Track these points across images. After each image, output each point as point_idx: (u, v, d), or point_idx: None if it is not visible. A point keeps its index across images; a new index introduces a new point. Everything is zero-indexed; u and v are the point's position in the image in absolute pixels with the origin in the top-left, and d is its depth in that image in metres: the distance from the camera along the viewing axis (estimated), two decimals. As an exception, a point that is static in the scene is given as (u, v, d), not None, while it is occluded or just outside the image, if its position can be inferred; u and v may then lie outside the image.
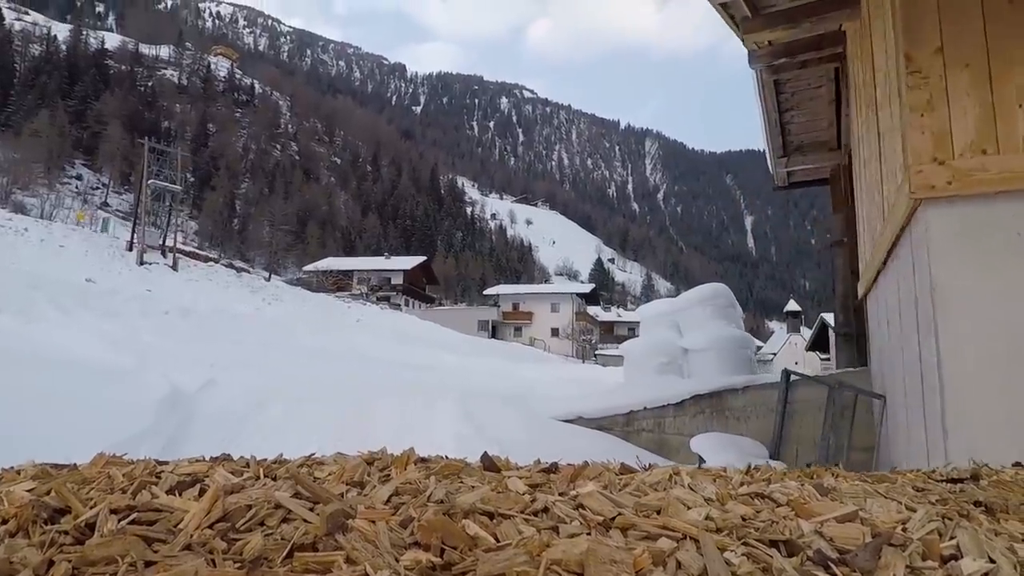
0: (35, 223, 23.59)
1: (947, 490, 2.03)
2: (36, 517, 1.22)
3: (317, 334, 15.21)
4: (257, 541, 1.15)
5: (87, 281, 19.96)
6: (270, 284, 31.29)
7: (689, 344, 7.39)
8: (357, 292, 45.30)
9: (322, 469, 1.94)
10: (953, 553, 1.30)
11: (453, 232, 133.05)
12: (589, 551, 1.09)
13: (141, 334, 9.62)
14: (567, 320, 45.61)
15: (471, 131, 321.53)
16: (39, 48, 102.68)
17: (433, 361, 14.60)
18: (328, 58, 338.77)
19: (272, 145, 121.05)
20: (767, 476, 2.19)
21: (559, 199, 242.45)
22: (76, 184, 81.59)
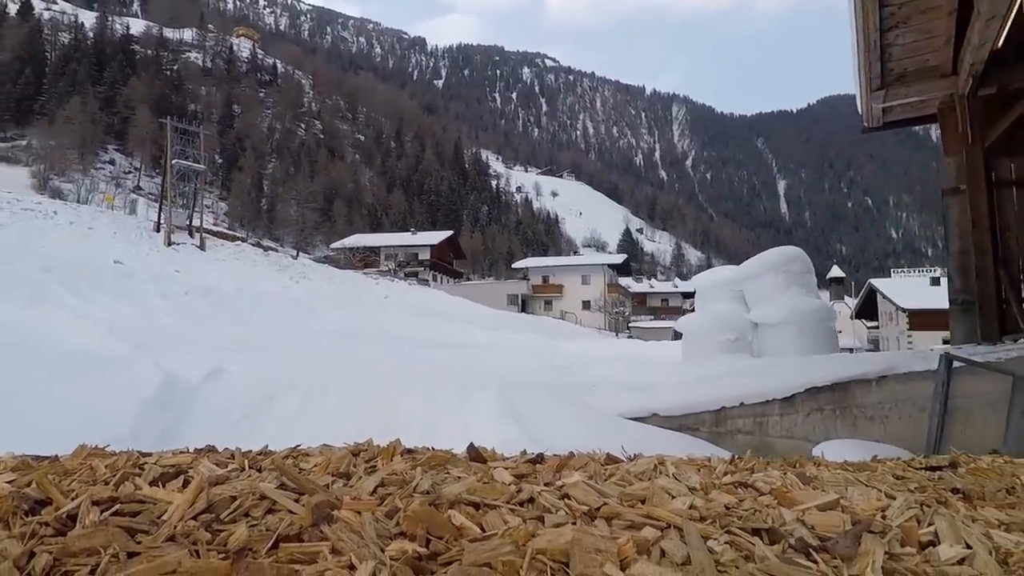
0: (64, 206, 23.51)
1: (926, 478, 2.09)
2: (17, 508, 1.24)
3: (343, 313, 14.61)
4: (242, 532, 1.17)
5: (115, 263, 19.76)
6: (297, 262, 30.98)
7: (760, 318, 6.27)
8: (385, 268, 44.92)
9: (308, 460, 1.95)
10: (931, 539, 1.38)
11: (478, 206, 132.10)
12: (574, 541, 1.13)
13: (158, 316, 9.11)
14: (599, 292, 44.31)
15: (493, 103, 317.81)
16: (68, 36, 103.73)
17: (464, 338, 13.90)
18: (348, 35, 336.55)
19: (296, 124, 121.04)
20: (750, 465, 2.20)
21: (585, 169, 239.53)
22: (109, 169, 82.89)
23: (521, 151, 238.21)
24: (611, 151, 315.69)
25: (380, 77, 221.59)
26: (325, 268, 32.60)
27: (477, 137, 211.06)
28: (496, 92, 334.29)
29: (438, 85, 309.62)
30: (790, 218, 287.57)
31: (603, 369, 7.75)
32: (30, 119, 79.53)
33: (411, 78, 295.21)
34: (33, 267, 9.58)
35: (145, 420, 3.96)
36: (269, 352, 7.44)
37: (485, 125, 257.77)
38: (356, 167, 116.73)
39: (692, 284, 8.13)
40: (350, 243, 51.33)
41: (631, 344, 15.63)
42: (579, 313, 42.28)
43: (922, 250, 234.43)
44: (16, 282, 8.55)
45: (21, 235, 19.61)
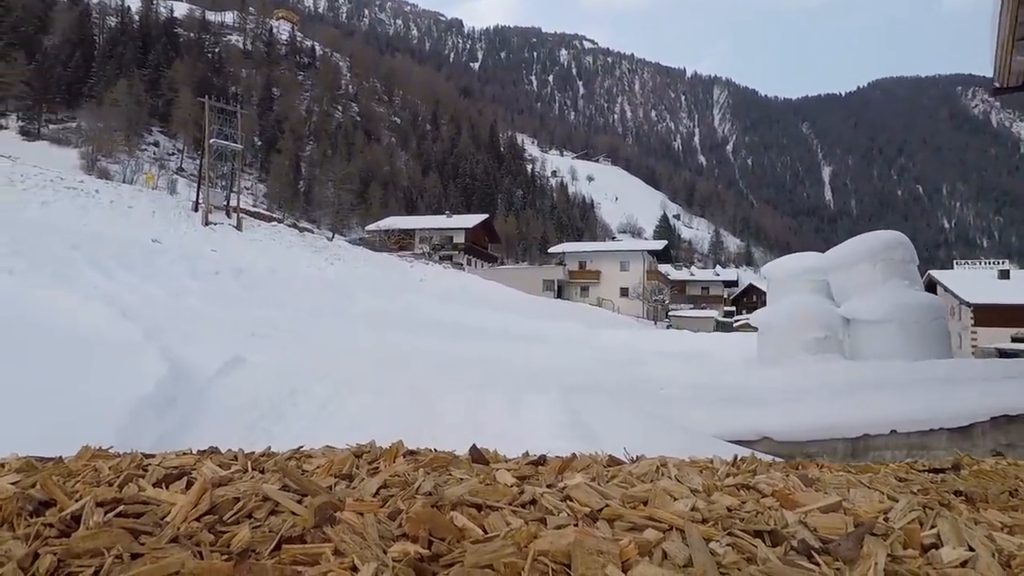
0: (105, 185, 23.72)
1: (929, 480, 2.12)
2: (21, 510, 1.25)
3: (377, 296, 14.14)
4: (245, 533, 1.17)
5: (153, 241, 19.81)
6: (332, 244, 30.84)
7: (855, 313, 5.28)
8: (419, 251, 44.63)
9: (310, 462, 1.99)
10: (933, 542, 1.37)
11: (513, 190, 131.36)
12: (576, 542, 1.13)
13: (186, 297, 8.72)
14: (637, 279, 42.97)
15: (530, 86, 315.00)
16: (115, 20, 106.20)
17: (502, 325, 13.26)
18: (385, 17, 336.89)
19: (334, 106, 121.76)
20: (753, 467, 2.23)
21: (622, 154, 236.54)
22: (153, 150, 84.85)
23: (557, 135, 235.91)
24: (649, 135, 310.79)
25: (417, 59, 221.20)
26: (360, 250, 32.41)
27: (513, 120, 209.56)
28: (533, 75, 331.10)
29: (474, 67, 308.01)
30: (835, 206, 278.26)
31: (663, 366, 6.97)
32: (80, 101, 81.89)
33: (447, 60, 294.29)
34: (63, 244, 9.31)
35: (140, 421, 3.39)
36: (297, 338, 6.92)
37: (521, 108, 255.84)
38: (392, 150, 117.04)
39: (765, 272, 7.24)
40: (385, 225, 51.17)
41: (680, 336, 14.73)
42: (616, 300, 41.16)
43: (977, 241, 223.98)
44: (43, 259, 8.26)
45: (63, 212, 19.74)
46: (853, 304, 5.36)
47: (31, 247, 8.55)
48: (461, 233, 48.54)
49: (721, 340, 14.26)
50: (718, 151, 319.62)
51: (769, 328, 5.98)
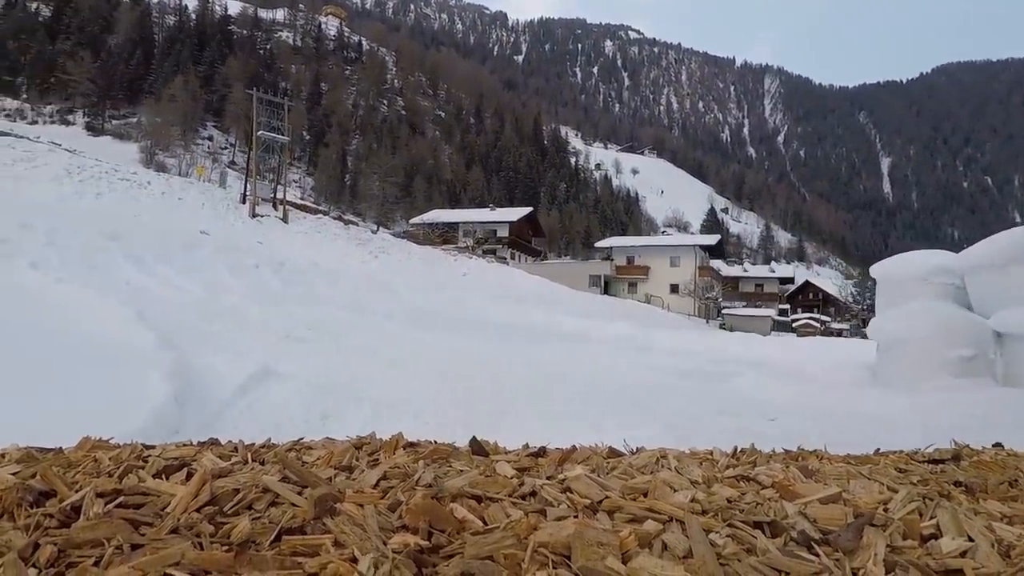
0: (157, 177, 24.06)
1: (928, 471, 2.11)
2: (21, 500, 1.26)
3: (421, 291, 13.55)
4: (245, 525, 1.17)
5: (201, 233, 19.88)
6: (376, 237, 30.64)
7: (1012, 326, 4.18)
8: (463, 245, 44.16)
9: (310, 453, 1.98)
10: (933, 532, 1.37)
11: (556, 183, 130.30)
12: (576, 534, 1.14)
13: (221, 292, 8.27)
14: (689, 276, 41.16)
15: (574, 78, 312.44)
16: (173, 19, 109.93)
17: (551, 324, 12.48)
18: (431, 11, 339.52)
19: (380, 101, 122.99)
20: (752, 459, 2.21)
21: (667, 146, 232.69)
22: (208, 144, 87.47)
23: (601, 127, 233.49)
24: (696, 127, 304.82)
25: (461, 53, 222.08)
26: (404, 243, 32.14)
27: (556, 113, 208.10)
28: (577, 67, 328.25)
29: (518, 60, 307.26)
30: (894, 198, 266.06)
31: (756, 382, 6.03)
32: (140, 98, 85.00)
33: (491, 54, 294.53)
34: (100, 235, 9.00)
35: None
36: (335, 342, 6.32)
37: (565, 100, 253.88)
38: (436, 143, 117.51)
39: (875, 273, 6.20)
40: (429, 219, 50.94)
41: (746, 341, 13.53)
42: (666, 297, 39.57)
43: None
44: (78, 251, 7.94)
45: (116, 203, 19.97)
46: (1009, 315, 4.24)
47: (67, 239, 8.27)
48: (505, 227, 47.78)
49: (791, 346, 13.02)
50: (768, 142, 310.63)
51: (899, 342, 4.85)
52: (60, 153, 21.56)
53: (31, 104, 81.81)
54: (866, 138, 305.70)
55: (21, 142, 21.52)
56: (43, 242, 7.90)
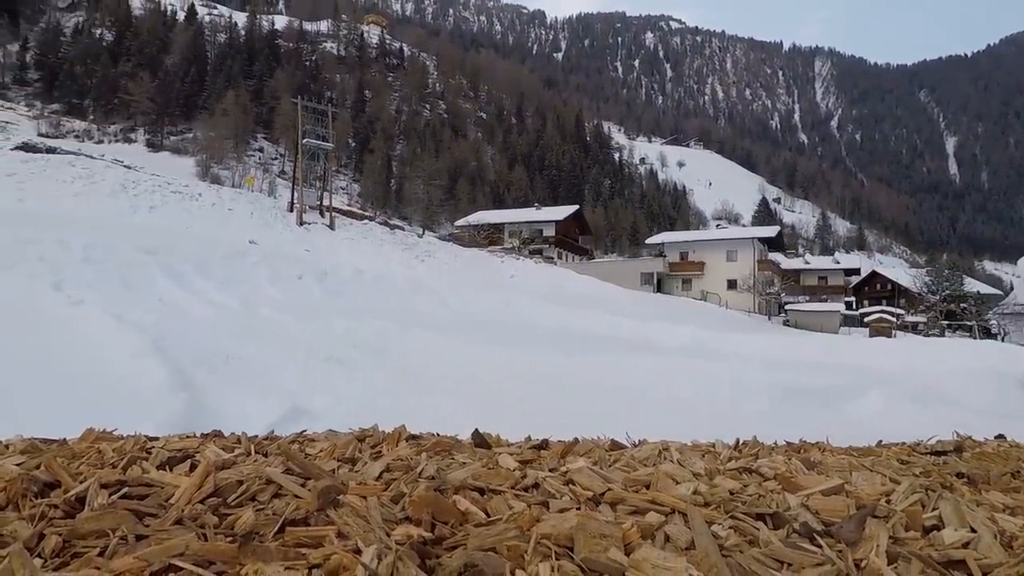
0: (208, 188, 24.42)
1: (931, 463, 2.12)
2: (26, 491, 1.27)
3: (469, 296, 12.94)
4: (248, 516, 1.19)
5: (250, 243, 19.95)
6: (423, 240, 30.37)
7: None
8: (509, 245, 43.50)
9: (313, 445, 2.01)
10: (935, 524, 1.38)
11: (600, 180, 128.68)
12: (578, 525, 1.14)
13: (260, 307, 7.83)
14: (747, 270, 38.93)
15: (615, 72, 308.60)
16: (224, 36, 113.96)
17: (610, 329, 11.62)
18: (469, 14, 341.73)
19: (422, 105, 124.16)
20: (755, 451, 2.23)
21: (714, 137, 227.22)
22: (259, 156, 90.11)
23: (644, 121, 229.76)
24: (743, 115, 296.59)
25: (501, 54, 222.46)
26: (450, 246, 31.78)
27: (598, 109, 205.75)
28: (618, 61, 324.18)
29: (558, 58, 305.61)
30: (961, 180, 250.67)
31: (886, 406, 5.06)
32: (194, 113, 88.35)
33: (531, 53, 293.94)
34: (138, 249, 8.72)
35: None
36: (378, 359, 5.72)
37: (606, 96, 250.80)
38: (478, 145, 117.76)
39: None
40: (474, 220, 50.43)
41: (837, 342, 12.18)
42: (723, 293, 37.62)
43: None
44: (114, 267, 7.66)
45: (169, 216, 20.25)
46: None
47: (104, 254, 8.01)
48: (551, 226, 46.77)
49: (889, 349, 11.68)
50: (821, 128, 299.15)
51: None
52: (117, 169, 22.09)
53: (97, 125, 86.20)
54: (928, 117, 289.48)
55: (80, 159, 22.17)
56: (79, 259, 7.67)
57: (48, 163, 20.36)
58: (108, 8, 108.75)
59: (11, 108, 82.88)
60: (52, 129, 76.73)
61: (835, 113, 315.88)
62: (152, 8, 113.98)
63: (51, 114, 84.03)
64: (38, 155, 21.68)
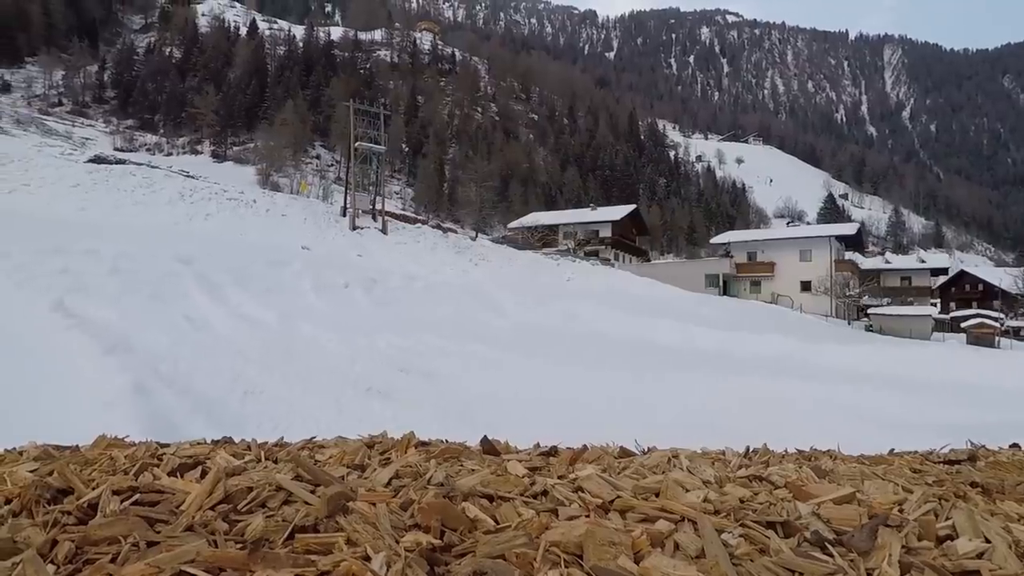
0: (262, 195, 24.43)
1: (944, 471, 2.06)
2: (39, 497, 1.28)
3: (526, 302, 11.87)
4: (258, 523, 1.18)
5: (303, 248, 19.65)
6: (476, 244, 29.58)
7: None
8: (563, 247, 42.22)
9: (323, 452, 2.02)
10: (949, 533, 1.35)
11: (655, 179, 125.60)
12: (588, 533, 1.13)
13: (300, 322, 7.00)
14: (824, 270, 35.95)
15: (668, 69, 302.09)
16: (284, 48, 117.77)
17: (684, 340, 10.30)
18: (520, 17, 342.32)
19: (474, 108, 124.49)
20: (765, 459, 2.21)
21: (774, 132, 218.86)
22: (316, 162, 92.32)
23: (700, 117, 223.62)
24: (805, 109, 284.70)
25: (552, 55, 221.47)
26: (504, 249, 30.88)
27: (652, 107, 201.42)
28: (672, 58, 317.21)
29: (609, 57, 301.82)
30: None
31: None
32: (255, 124, 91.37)
33: (582, 53, 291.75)
34: (173, 258, 8.02)
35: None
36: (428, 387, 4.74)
37: (660, 94, 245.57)
38: (530, 146, 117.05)
39: None
40: (528, 222, 49.30)
41: (951, 355, 10.37)
42: (796, 296, 34.92)
43: None
44: (146, 277, 6.99)
45: (224, 223, 20.17)
46: None
47: (135, 265, 7.35)
48: (607, 226, 45.10)
49: (1008, 363, 9.80)
50: (891, 119, 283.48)
51: None
52: (176, 178, 22.30)
53: (167, 138, 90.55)
54: (1013, 104, 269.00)
55: (141, 169, 22.52)
56: (106, 270, 7.07)
57: (111, 174, 20.68)
58: (177, 27, 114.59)
59: (90, 125, 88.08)
60: (126, 143, 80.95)
61: (907, 103, 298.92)
62: (217, 26, 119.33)
63: (126, 129, 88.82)
64: (103, 166, 22.11)
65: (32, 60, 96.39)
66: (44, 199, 18.04)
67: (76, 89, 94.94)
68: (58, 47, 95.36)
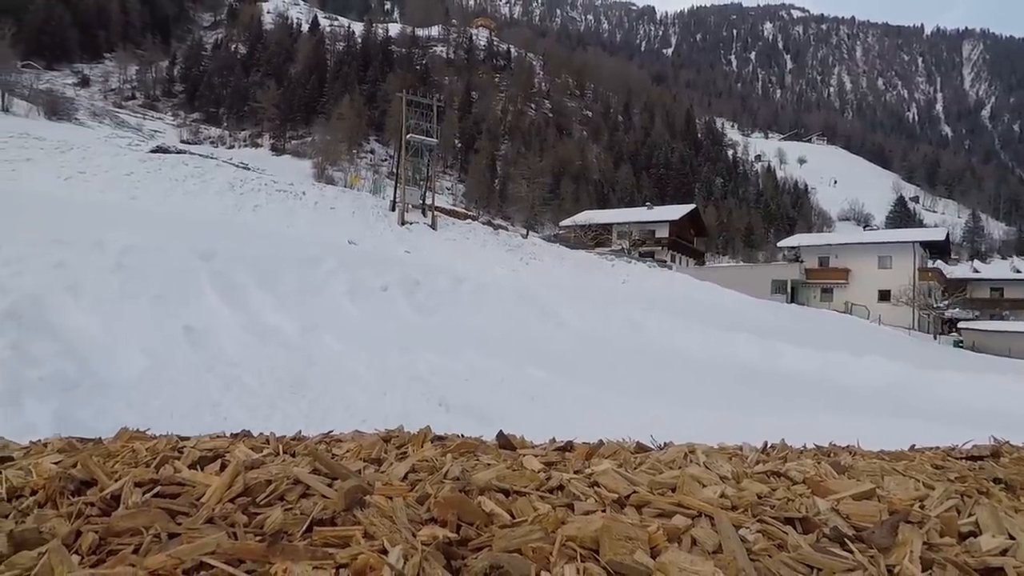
0: (312, 187, 24.05)
1: (966, 468, 1.99)
2: (63, 489, 1.29)
3: (583, 309, 10.61)
4: (277, 516, 1.17)
5: (349, 243, 19.04)
6: (527, 242, 28.44)
7: None
8: (618, 247, 40.50)
9: (340, 446, 1.99)
10: (972, 530, 1.31)
11: (712, 178, 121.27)
12: (604, 528, 1.11)
13: (325, 335, 5.97)
14: (905, 279, 32.68)
15: (728, 66, 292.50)
16: (343, 44, 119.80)
17: (772, 361, 8.84)
18: (576, 14, 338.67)
19: (527, 105, 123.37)
20: (783, 454, 2.16)
21: (839, 131, 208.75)
22: (370, 157, 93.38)
23: (760, 116, 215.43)
24: (874, 107, 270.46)
25: (608, 51, 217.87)
26: (556, 248, 29.62)
27: (710, 104, 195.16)
28: (732, 54, 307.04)
29: (667, 54, 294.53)
30: None
31: None
32: (313, 118, 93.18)
33: (639, 50, 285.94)
34: (190, 254, 6.95)
35: None
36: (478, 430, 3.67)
37: (719, 91, 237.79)
38: (583, 143, 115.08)
39: None
40: (581, 220, 47.63)
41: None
42: (873, 306, 31.99)
43: None
44: (152, 278, 6.03)
45: (272, 215, 19.77)
46: None
47: (143, 260, 6.38)
48: (665, 226, 42.98)
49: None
50: (969, 119, 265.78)
51: None
52: (227, 168, 22.11)
53: (229, 131, 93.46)
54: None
55: (193, 159, 22.45)
56: (110, 265, 6.19)
57: (164, 163, 20.61)
58: (243, 24, 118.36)
59: (159, 118, 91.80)
60: (191, 136, 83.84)
61: (987, 102, 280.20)
62: (280, 22, 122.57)
63: (192, 122, 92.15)
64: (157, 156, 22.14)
65: (110, 56, 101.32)
66: (97, 186, 17.98)
67: (148, 83, 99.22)
68: (133, 43, 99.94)
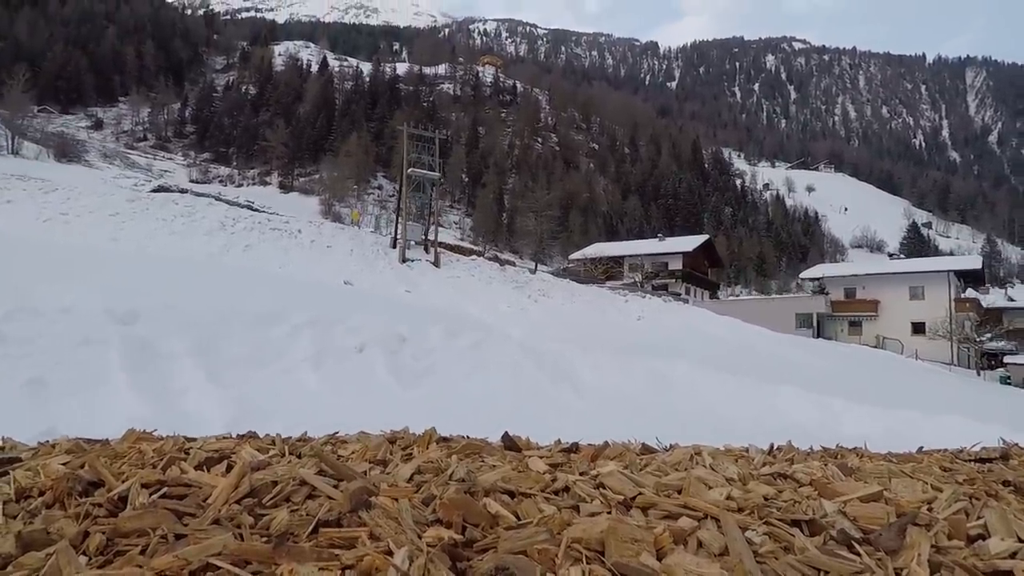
0: (308, 224, 22.95)
1: (975, 470, 2.00)
2: (71, 490, 1.29)
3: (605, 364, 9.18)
4: (283, 517, 1.20)
5: (345, 283, 17.83)
6: (535, 277, 27.11)
7: None
8: (629, 280, 39.11)
9: (346, 447, 2.01)
10: (980, 533, 1.31)
11: (721, 207, 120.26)
12: (610, 529, 1.10)
13: (267, 424, 4.56)
14: (940, 311, 30.61)
15: (732, 98, 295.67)
16: (351, 83, 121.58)
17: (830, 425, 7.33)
18: (581, 51, 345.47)
19: (534, 139, 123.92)
20: (790, 456, 2.17)
21: (846, 158, 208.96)
22: (377, 193, 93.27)
23: (767, 145, 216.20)
24: (880, 135, 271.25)
25: (613, 86, 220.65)
26: (565, 283, 28.26)
27: (715, 135, 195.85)
28: (735, 86, 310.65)
29: (671, 87, 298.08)
30: None
31: None
32: (321, 156, 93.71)
33: (643, 83, 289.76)
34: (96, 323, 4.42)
35: None
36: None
37: (724, 122, 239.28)
38: (591, 176, 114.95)
39: None
40: (591, 253, 46.25)
41: None
42: (906, 339, 30.07)
43: None
44: (38, 349, 4.26)
45: (264, 255, 18.63)
46: None
47: (37, 327, 4.61)
48: (678, 258, 41.49)
49: None
50: (977, 144, 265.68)
51: None
52: (218, 206, 21.11)
53: (238, 170, 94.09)
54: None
55: (184, 197, 21.49)
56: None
57: (152, 203, 19.59)
58: (255, 66, 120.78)
59: (170, 158, 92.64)
60: (201, 175, 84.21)
61: (993, 127, 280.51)
62: (291, 64, 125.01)
63: (202, 162, 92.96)
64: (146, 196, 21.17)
65: (124, 99, 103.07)
66: (79, 228, 16.91)
67: (160, 125, 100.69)
68: (147, 86, 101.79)
